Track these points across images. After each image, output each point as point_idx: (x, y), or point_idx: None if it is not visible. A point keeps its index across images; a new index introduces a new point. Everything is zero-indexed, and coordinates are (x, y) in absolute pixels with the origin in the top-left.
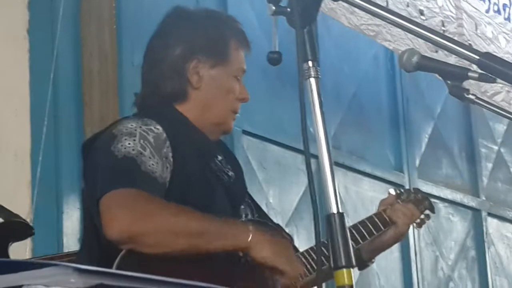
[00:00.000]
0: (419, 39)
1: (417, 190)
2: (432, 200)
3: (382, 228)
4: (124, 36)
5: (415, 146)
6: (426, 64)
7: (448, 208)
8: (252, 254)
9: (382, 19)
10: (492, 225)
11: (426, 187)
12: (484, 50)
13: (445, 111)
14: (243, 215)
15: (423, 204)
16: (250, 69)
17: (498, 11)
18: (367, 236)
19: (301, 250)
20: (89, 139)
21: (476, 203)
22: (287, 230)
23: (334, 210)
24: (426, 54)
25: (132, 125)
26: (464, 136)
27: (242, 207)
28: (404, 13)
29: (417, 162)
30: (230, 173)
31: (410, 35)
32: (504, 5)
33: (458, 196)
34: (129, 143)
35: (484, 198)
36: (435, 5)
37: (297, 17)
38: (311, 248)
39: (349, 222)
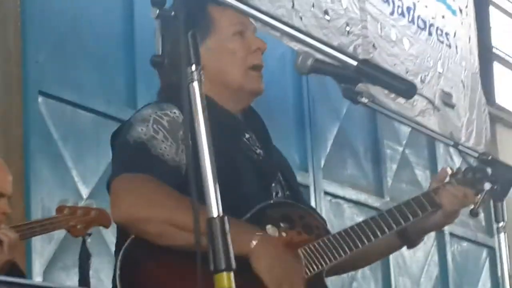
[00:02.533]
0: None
1: (477, 169)
2: (337, 200)
3: (429, 208)
4: (28, 34)
5: (320, 147)
6: (320, 67)
7: (353, 208)
8: (251, 262)
9: (255, 19)
10: None
11: (331, 188)
12: (388, 53)
13: (350, 112)
14: (274, 193)
15: (482, 184)
16: None
17: (402, 14)
18: (410, 217)
19: None
20: (116, 130)
21: (380, 203)
22: None
23: (215, 214)
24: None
25: (147, 111)
26: (369, 137)
27: (273, 185)
28: (309, 14)
29: (322, 162)
30: (259, 150)
31: (316, 36)
32: (408, 8)
33: (362, 197)
34: (142, 129)
35: (388, 199)
36: (340, 6)
37: (181, 21)
38: (354, 225)
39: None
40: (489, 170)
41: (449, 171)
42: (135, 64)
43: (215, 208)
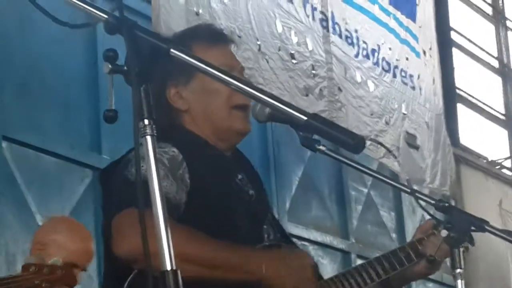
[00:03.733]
0: (289, 83)
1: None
2: (302, 242)
3: (415, 259)
4: None
5: (285, 189)
6: (278, 116)
7: (318, 250)
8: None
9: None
10: None
11: (296, 230)
12: (353, 94)
13: (315, 154)
14: (266, 236)
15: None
16: None
17: (367, 56)
18: (397, 267)
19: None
20: (106, 167)
21: (345, 245)
22: None
23: (168, 267)
24: (296, 97)
25: None
26: (334, 178)
27: (265, 227)
28: (275, 57)
29: (287, 205)
30: (251, 191)
31: (281, 79)
32: (373, 50)
33: (327, 239)
34: (143, 166)
35: (353, 241)
36: (306, 49)
37: (133, 76)
38: (345, 272)
39: None
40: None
41: (432, 223)
42: (99, 108)
43: (168, 261)
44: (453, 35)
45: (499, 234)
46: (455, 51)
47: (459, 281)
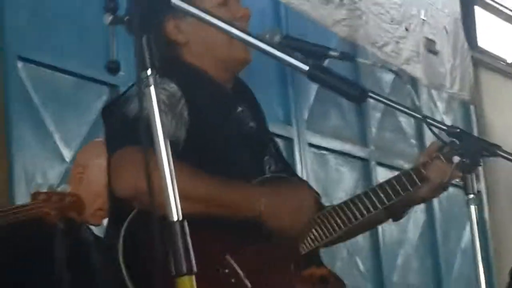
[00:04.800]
0: None
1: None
2: (320, 151)
3: (419, 183)
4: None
5: (303, 99)
6: (288, 44)
7: (337, 159)
8: (267, 224)
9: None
10: (381, 174)
11: (315, 139)
12: (373, 2)
13: (333, 63)
14: (267, 167)
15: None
16: None
17: None
18: (401, 192)
19: None
20: (108, 104)
21: (365, 153)
22: None
23: (175, 218)
24: (317, 6)
25: None
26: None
27: (266, 158)
28: None
29: (306, 114)
30: (251, 123)
31: None
32: None
33: (347, 147)
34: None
35: (373, 148)
36: None
37: (135, 25)
38: (347, 201)
39: None
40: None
41: (438, 145)
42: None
43: (174, 212)
44: None
45: (510, 158)
46: None
47: (472, 207)
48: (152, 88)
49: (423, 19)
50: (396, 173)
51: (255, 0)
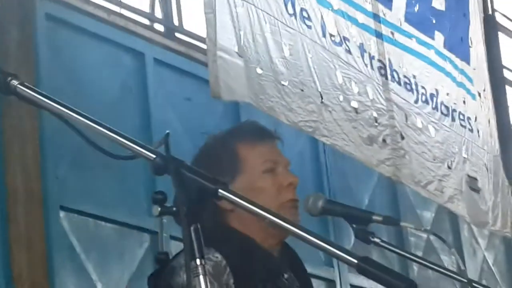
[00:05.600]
0: (353, 133)
1: None
2: None
3: None
4: (47, 149)
5: (344, 239)
6: (331, 209)
7: None
8: None
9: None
10: None
11: (357, 280)
12: (415, 141)
13: (373, 202)
14: None
15: None
16: None
17: (426, 101)
18: None
19: None
20: (154, 272)
21: None
22: None
23: None
24: (361, 147)
25: None
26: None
27: None
28: (338, 108)
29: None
30: None
31: (345, 130)
32: (431, 95)
33: None
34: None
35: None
36: (367, 98)
37: (183, 217)
38: None
39: None
40: None
41: None
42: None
43: None
44: (506, 73)
45: None
46: (508, 89)
47: None
48: (201, 278)
49: (464, 157)
50: None
51: (295, 141)
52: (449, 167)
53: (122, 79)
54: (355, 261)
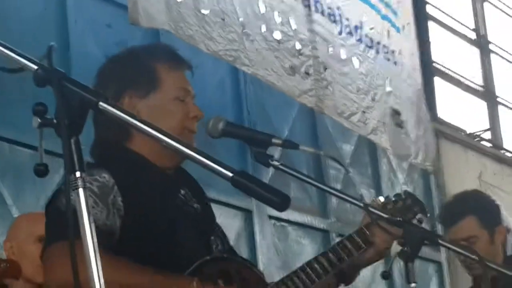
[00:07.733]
0: (275, 63)
1: (408, 195)
2: (281, 223)
3: (364, 246)
4: None
5: (263, 171)
6: (231, 131)
7: (298, 231)
8: None
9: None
10: None
11: (275, 211)
12: (339, 72)
13: (292, 134)
14: (214, 246)
15: (412, 210)
16: None
17: (350, 33)
18: (346, 258)
19: None
20: (51, 197)
21: (325, 224)
22: None
23: None
24: (283, 77)
25: None
26: (312, 157)
27: (212, 238)
28: (259, 38)
29: None
30: (196, 205)
31: (267, 59)
32: (356, 27)
33: (307, 219)
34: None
35: (333, 220)
36: (289, 28)
37: (63, 128)
38: (290, 274)
39: None
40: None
41: (380, 201)
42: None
43: None
44: (429, 8)
45: (451, 247)
46: (431, 24)
47: None
48: (81, 190)
49: (388, 90)
50: None
51: (215, 70)
52: (372, 99)
53: (41, 5)
54: (230, 174)
